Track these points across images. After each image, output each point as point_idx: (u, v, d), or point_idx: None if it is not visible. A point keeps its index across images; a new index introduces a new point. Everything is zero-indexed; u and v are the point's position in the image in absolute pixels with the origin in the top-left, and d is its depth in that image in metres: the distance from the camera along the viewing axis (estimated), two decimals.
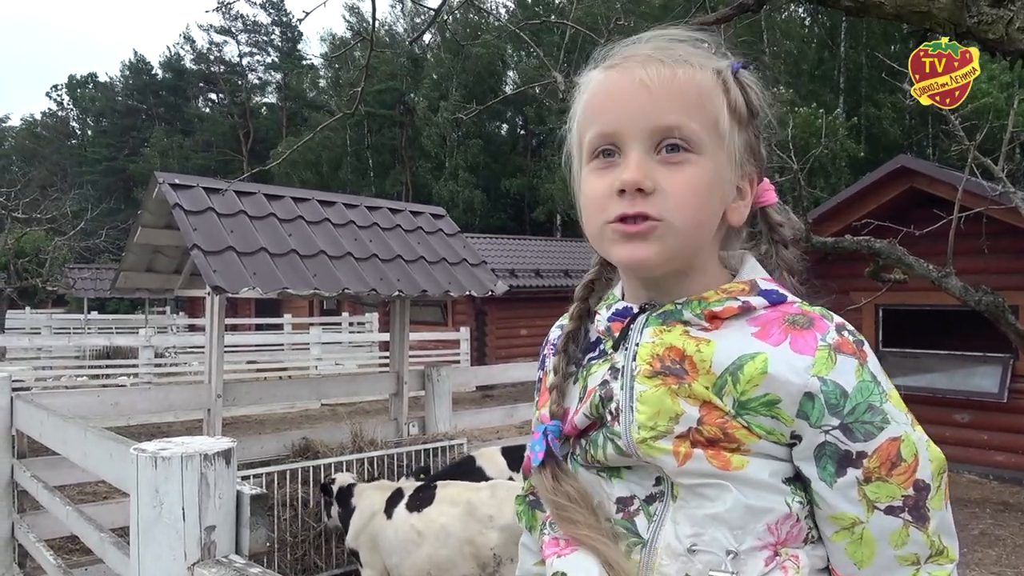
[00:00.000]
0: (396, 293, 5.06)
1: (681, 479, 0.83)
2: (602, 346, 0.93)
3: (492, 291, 5.68)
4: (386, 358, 11.13)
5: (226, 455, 1.70)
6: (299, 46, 51.85)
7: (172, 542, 1.63)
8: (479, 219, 33.06)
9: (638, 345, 0.87)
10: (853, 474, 0.78)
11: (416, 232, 5.79)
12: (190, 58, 52.54)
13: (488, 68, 36.74)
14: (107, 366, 12.93)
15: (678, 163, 0.82)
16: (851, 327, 0.84)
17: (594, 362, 0.93)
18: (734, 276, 0.90)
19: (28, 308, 21.57)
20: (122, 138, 50.88)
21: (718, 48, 0.91)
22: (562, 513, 0.89)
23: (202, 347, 10.48)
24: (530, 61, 34.13)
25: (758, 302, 0.85)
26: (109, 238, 19.21)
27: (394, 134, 39.78)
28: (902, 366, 7.74)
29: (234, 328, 19.44)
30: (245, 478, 4.26)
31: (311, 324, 17.41)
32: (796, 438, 0.81)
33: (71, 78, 56.06)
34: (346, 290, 4.82)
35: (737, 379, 0.80)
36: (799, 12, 29.57)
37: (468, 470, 4.63)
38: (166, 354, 14.34)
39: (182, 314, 24.75)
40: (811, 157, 6.62)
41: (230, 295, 4.46)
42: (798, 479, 0.82)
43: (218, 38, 50.75)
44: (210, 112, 51.80)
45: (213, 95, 53.08)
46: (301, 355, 14.95)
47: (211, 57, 51.62)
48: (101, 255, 23.13)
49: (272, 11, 50.14)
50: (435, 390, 5.71)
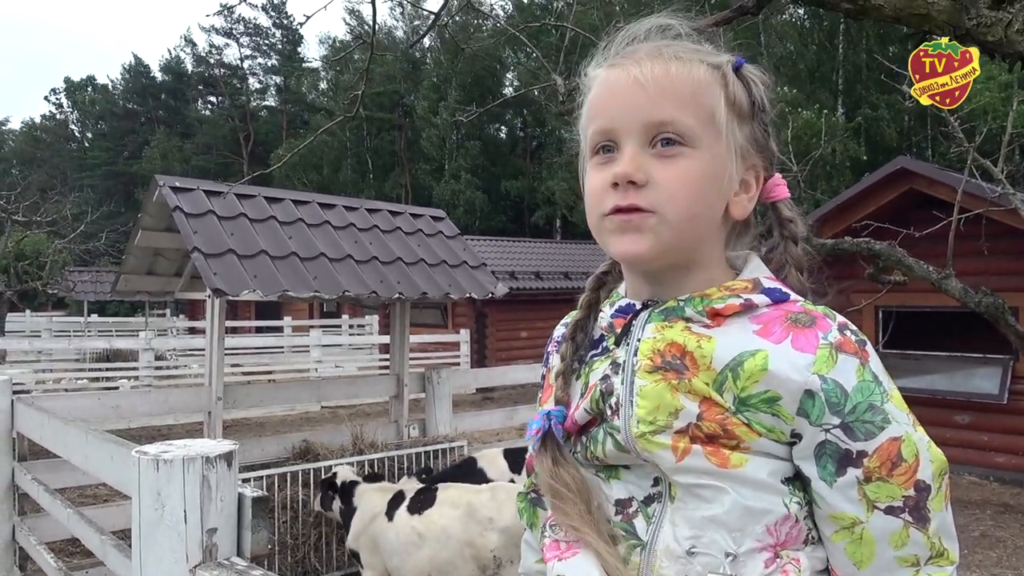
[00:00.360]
0: (396, 295, 5.06)
1: (678, 477, 0.82)
2: (605, 343, 0.93)
3: (492, 293, 5.68)
4: (386, 360, 11.12)
5: (228, 458, 1.70)
6: (299, 49, 51.98)
7: (174, 544, 1.63)
8: (479, 221, 33.08)
9: (639, 341, 0.87)
10: (853, 473, 0.78)
11: (416, 234, 5.79)
12: (190, 61, 52.70)
13: (487, 71, 36.78)
14: (107, 369, 12.92)
15: (672, 156, 0.83)
16: (854, 327, 0.84)
17: (596, 359, 0.93)
18: (738, 274, 0.90)
19: (28, 311, 21.58)
20: (121, 141, 50.91)
21: (716, 44, 0.91)
22: (556, 501, 0.89)
23: (202, 350, 10.48)
24: (529, 63, 34.16)
25: (760, 300, 0.85)
26: (109, 241, 19.22)
27: (393, 137, 39.81)
28: (902, 367, 7.74)
29: (234, 331, 19.45)
30: (246, 480, 4.26)
31: (311, 326, 17.40)
32: (796, 436, 0.80)
33: (68, 81, 56.04)
34: (346, 292, 4.83)
35: (737, 375, 0.80)
36: (799, 13, 29.60)
37: (470, 472, 4.63)
38: (167, 357, 14.33)
39: (182, 317, 24.74)
40: (811, 159, 6.63)
41: (230, 298, 4.47)
42: (797, 479, 0.82)
43: (219, 41, 50.90)
44: (210, 115, 51.83)
45: (213, 98, 53.14)
46: (301, 357, 14.95)
47: (211, 60, 51.70)
48: (101, 258, 23.13)
49: (273, 14, 50.25)
50: (435, 392, 5.71)
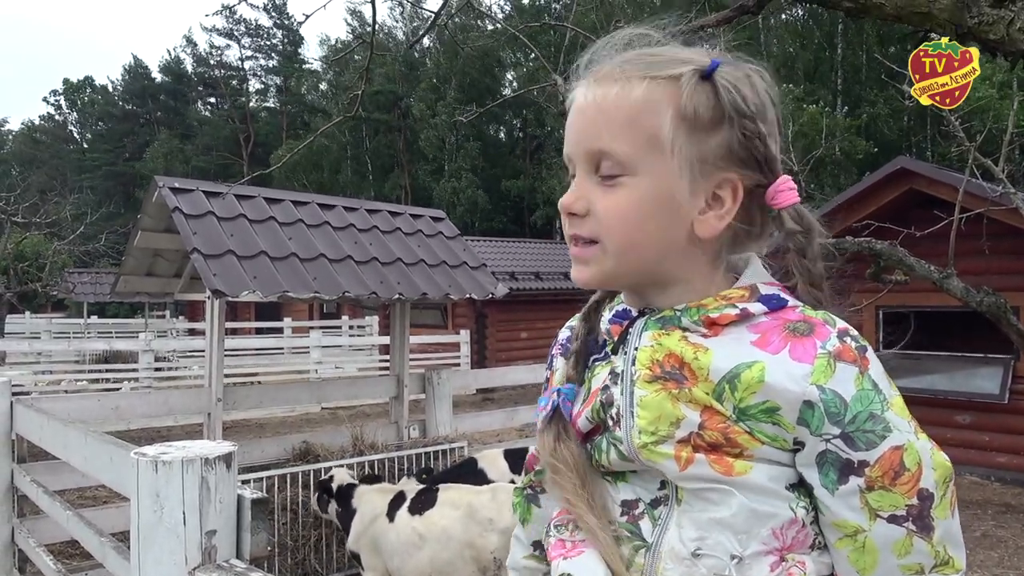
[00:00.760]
0: (396, 296, 5.05)
1: (684, 484, 0.82)
2: (606, 348, 0.93)
3: (492, 294, 5.68)
4: (386, 361, 11.12)
5: (227, 459, 1.70)
6: (300, 50, 52.01)
7: (173, 547, 1.63)
8: (479, 222, 33.07)
9: (637, 350, 0.86)
10: (855, 482, 0.77)
11: (416, 235, 5.79)
12: (191, 62, 52.72)
13: (486, 70, 36.79)
14: (107, 370, 12.91)
15: (612, 185, 0.84)
16: (855, 333, 0.82)
17: (598, 363, 0.92)
18: (738, 279, 0.88)
19: (28, 312, 21.56)
20: (121, 142, 50.93)
21: (701, 46, 0.88)
22: (554, 476, 0.89)
23: (202, 351, 10.48)
24: (528, 64, 34.17)
25: (756, 308, 0.83)
26: (109, 242, 19.21)
27: (392, 138, 39.81)
28: (903, 367, 7.73)
29: (234, 332, 19.44)
30: (245, 482, 4.25)
31: (311, 327, 17.38)
32: (799, 444, 0.80)
33: (67, 82, 56.05)
34: (346, 293, 4.82)
35: (735, 387, 0.79)
36: (798, 13, 29.62)
37: (470, 472, 4.63)
38: (168, 358, 14.32)
39: (182, 318, 24.73)
40: (812, 158, 6.62)
41: (230, 299, 4.46)
42: (802, 485, 0.81)
43: (220, 41, 50.91)
44: (210, 116, 51.86)
45: (213, 99, 53.15)
46: (301, 358, 14.93)
47: (212, 61, 51.72)
48: (101, 259, 23.13)
49: (274, 14, 50.26)
50: (435, 393, 5.71)
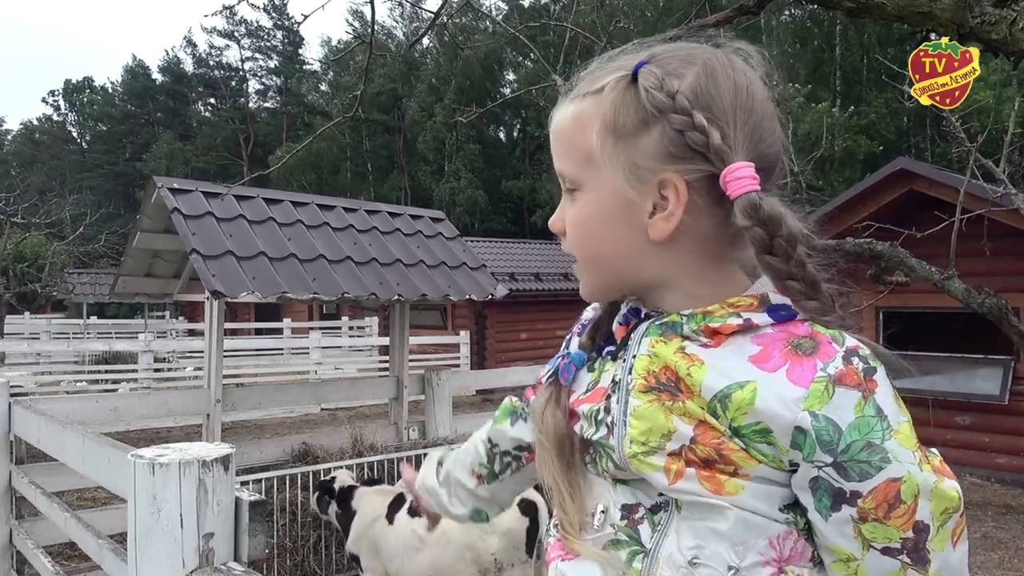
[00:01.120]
0: (395, 297, 5.04)
1: (674, 497, 0.81)
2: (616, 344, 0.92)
3: (492, 295, 5.67)
4: (386, 362, 11.12)
5: (224, 461, 1.69)
6: (301, 51, 52.00)
7: (170, 549, 1.62)
8: (479, 222, 33.07)
9: (635, 357, 0.85)
10: (848, 511, 0.75)
11: (415, 236, 5.78)
12: (191, 62, 52.75)
13: (485, 71, 36.79)
14: (106, 371, 12.91)
15: (573, 202, 0.87)
16: (866, 352, 0.78)
17: (608, 357, 0.91)
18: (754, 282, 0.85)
19: (27, 313, 21.54)
20: (120, 143, 50.93)
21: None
22: (539, 450, 0.91)
23: (201, 352, 10.46)
24: (527, 65, 34.16)
25: (761, 320, 0.80)
26: (108, 243, 19.19)
27: (392, 138, 39.82)
28: (902, 368, 7.72)
29: (233, 333, 19.42)
30: (244, 483, 4.24)
31: (311, 328, 17.37)
32: (794, 465, 0.77)
33: (67, 83, 56.10)
34: (345, 294, 4.81)
35: (726, 407, 0.77)
36: (798, 14, 29.64)
37: None
38: (168, 358, 14.31)
39: (181, 319, 24.73)
40: (812, 159, 6.61)
41: (229, 299, 4.45)
42: (798, 505, 0.79)
43: (220, 42, 50.93)
44: (210, 116, 51.87)
45: (213, 99, 53.15)
46: (301, 359, 14.93)
47: (211, 62, 51.73)
48: (100, 260, 23.10)
49: (274, 15, 50.27)
50: (435, 394, 5.70)
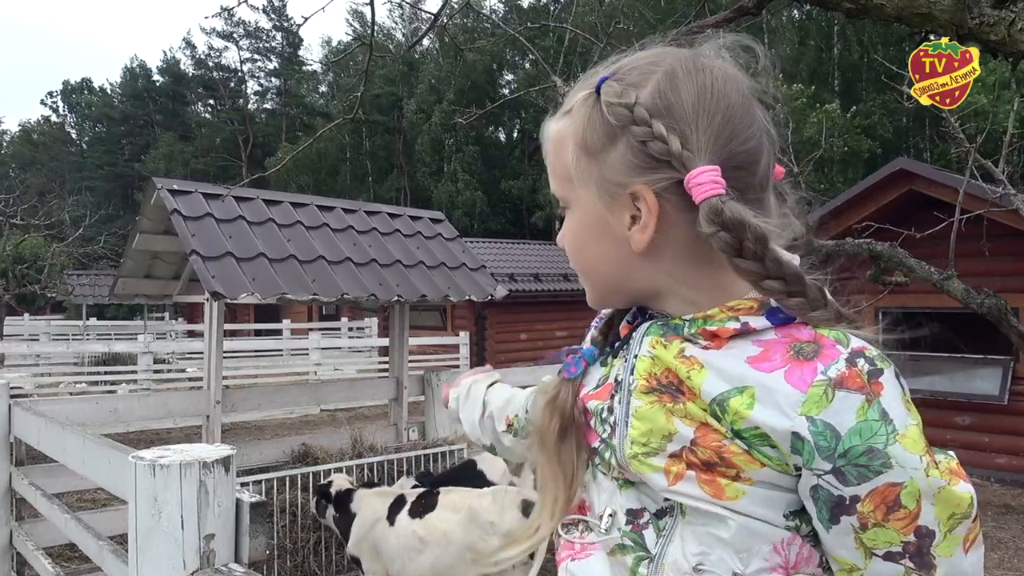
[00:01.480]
0: (395, 298, 5.04)
1: (673, 499, 0.80)
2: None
3: (492, 295, 5.67)
4: (386, 363, 11.10)
5: (225, 462, 1.69)
6: (300, 52, 51.98)
7: (171, 551, 1.61)
8: (478, 223, 33.06)
9: (636, 358, 0.84)
10: (848, 521, 0.73)
11: (415, 237, 5.78)
12: (190, 64, 52.70)
13: (484, 71, 36.79)
14: (106, 372, 12.90)
15: (567, 219, 0.90)
16: (873, 354, 0.75)
17: (619, 354, 0.90)
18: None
19: (27, 315, 21.53)
20: (119, 144, 50.90)
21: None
22: (532, 439, 0.92)
23: (201, 353, 10.45)
24: (528, 62, 34.16)
25: (759, 323, 0.79)
26: (108, 244, 19.18)
27: (391, 139, 39.82)
28: (902, 368, 7.72)
29: (233, 334, 19.41)
30: (244, 485, 4.24)
31: (310, 329, 17.37)
32: (799, 470, 0.75)
33: (66, 84, 56.06)
34: (345, 295, 4.81)
35: (724, 411, 0.76)
36: (797, 15, 29.65)
37: (470, 474, 4.61)
38: (168, 359, 14.30)
39: (181, 320, 24.72)
40: (813, 159, 6.61)
41: (229, 301, 4.45)
42: (804, 512, 0.77)
43: (219, 44, 50.90)
44: (210, 118, 51.85)
45: (212, 101, 53.13)
46: (300, 360, 14.91)
47: (210, 63, 51.70)
48: (100, 261, 23.10)
49: (274, 16, 50.25)
50: (435, 395, 5.69)
